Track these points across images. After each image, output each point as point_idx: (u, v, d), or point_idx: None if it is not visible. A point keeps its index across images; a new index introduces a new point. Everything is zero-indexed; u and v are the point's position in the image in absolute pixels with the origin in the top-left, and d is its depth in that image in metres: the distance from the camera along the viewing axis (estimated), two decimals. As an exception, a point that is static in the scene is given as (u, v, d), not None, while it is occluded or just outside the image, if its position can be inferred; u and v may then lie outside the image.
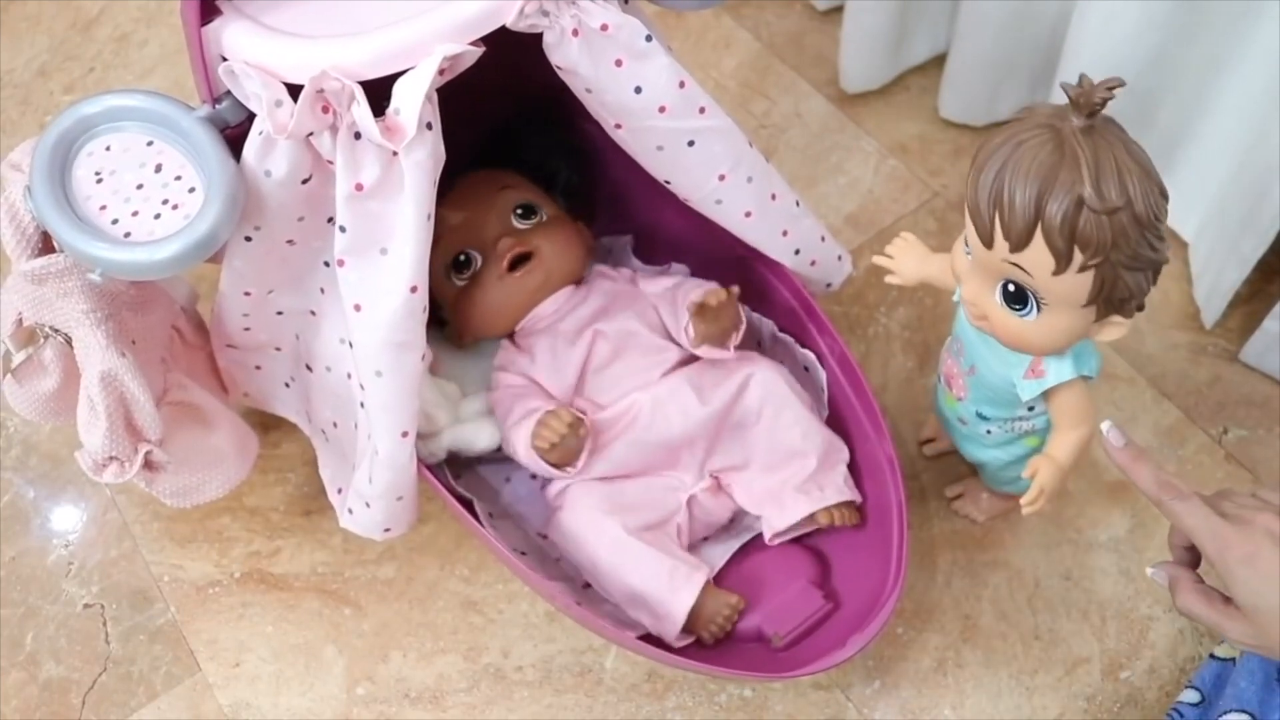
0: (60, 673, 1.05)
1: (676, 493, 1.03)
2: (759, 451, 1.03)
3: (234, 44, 0.80)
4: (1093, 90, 0.74)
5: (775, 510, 1.02)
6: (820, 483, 1.02)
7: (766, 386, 1.02)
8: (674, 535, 1.02)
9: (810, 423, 1.02)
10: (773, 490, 1.03)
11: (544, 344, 1.05)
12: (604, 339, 1.04)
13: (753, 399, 1.02)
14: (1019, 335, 0.83)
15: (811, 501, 1.01)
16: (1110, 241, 0.75)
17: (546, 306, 1.06)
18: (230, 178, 0.82)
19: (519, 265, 1.05)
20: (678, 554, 1.00)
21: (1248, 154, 1.13)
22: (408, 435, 0.92)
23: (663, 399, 1.01)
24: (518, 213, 1.07)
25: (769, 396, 1.02)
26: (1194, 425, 1.16)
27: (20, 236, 0.87)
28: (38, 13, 1.49)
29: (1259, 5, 1.07)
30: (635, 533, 0.99)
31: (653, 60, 0.87)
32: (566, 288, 1.07)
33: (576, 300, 1.06)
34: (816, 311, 1.05)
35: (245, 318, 0.97)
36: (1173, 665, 1.04)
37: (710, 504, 1.04)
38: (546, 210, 1.09)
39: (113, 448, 0.91)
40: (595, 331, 1.04)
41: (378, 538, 1.00)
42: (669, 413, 1.01)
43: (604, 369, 1.03)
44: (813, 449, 1.02)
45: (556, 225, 1.08)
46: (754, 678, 1.00)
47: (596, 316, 1.05)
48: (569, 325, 1.05)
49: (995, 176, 0.76)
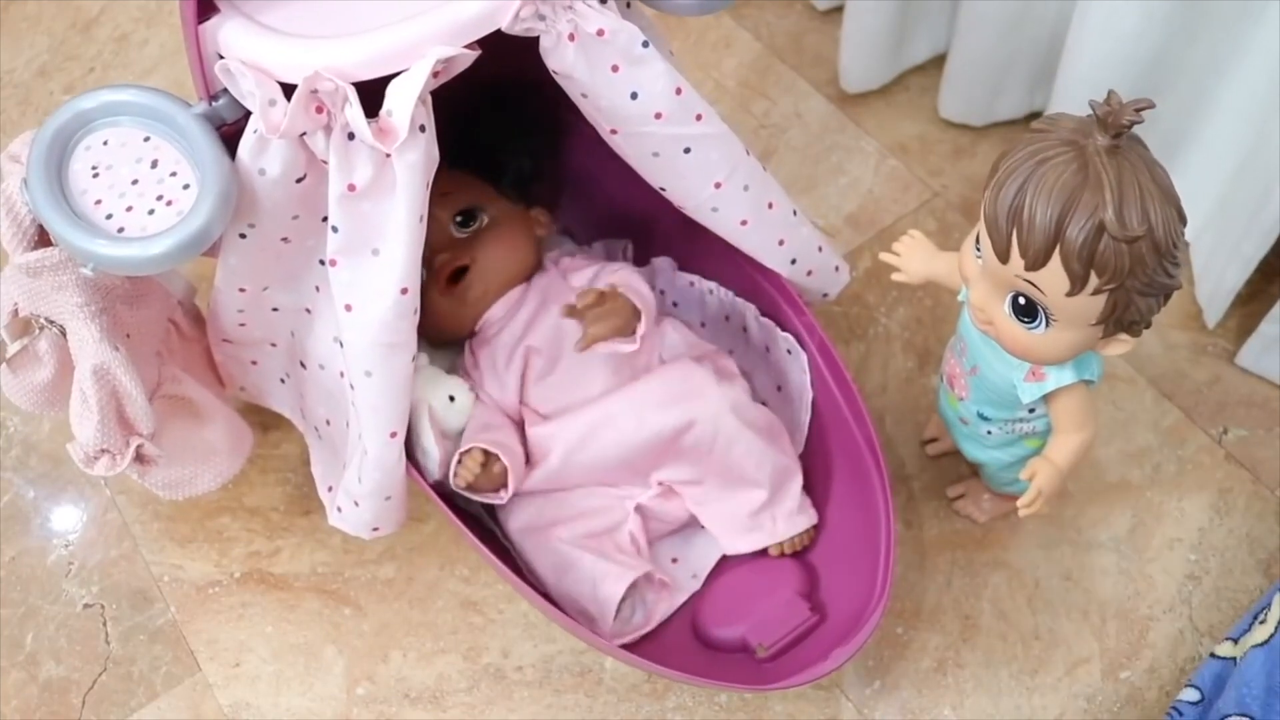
0: (60, 673, 1.05)
1: (623, 501, 1.03)
2: (711, 473, 1.02)
3: (230, 42, 0.81)
4: (1121, 111, 0.73)
5: (728, 539, 1.04)
6: (774, 513, 1.02)
7: (714, 424, 1.00)
8: (625, 544, 1.02)
9: (762, 452, 1.02)
10: (724, 517, 1.03)
11: (486, 358, 1.06)
12: (536, 354, 1.04)
13: (702, 434, 1.00)
14: (1025, 346, 0.83)
15: (765, 536, 1.02)
16: (1128, 268, 0.75)
17: (497, 310, 1.06)
18: (224, 175, 0.82)
19: (459, 278, 1.06)
20: (615, 558, 1.00)
21: (1248, 155, 1.13)
22: (396, 436, 0.92)
23: (598, 423, 1.00)
24: (457, 220, 1.07)
25: (718, 434, 1.00)
26: (1194, 425, 1.16)
27: (17, 229, 0.87)
28: (38, 13, 1.49)
29: (1259, 5, 1.07)
30: (574, 542, 1.00)
31: (649, 66, 0.87)
32: (517, 287, 1.07)
33: (518, 304, 1.06)
34: (793, 296, 1.05)
35: (240, 314, 0.97)
36: (1173, 665, 1.04)
37: (663, 508, 1.04)
38: (489, 211, 1.08)
39: (104, 440, 0.92)
40: (527, 349, 1.04)
41: (366, 536, 1.00)
42: (605, 436, 1.00)
43: (543, 379, 1.04)
44: (765, 477, 1.02)
45: (498, 228, 1.08)
46: (736, 689, 1.00)
47: (527, 329, 1.05)
48: (507, 338, 1.05)
49: (1016, 193, 0.75)
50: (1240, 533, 1.10)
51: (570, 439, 1.00)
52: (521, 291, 1.07)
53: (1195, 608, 1.06)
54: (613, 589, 0.97)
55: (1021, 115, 1.35)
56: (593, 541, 1.01)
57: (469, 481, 0.98)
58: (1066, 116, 0.78)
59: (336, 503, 1.00)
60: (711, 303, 1.11)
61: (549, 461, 1.01)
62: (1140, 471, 1.13)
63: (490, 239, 1.07)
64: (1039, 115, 1.30)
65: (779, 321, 1.06)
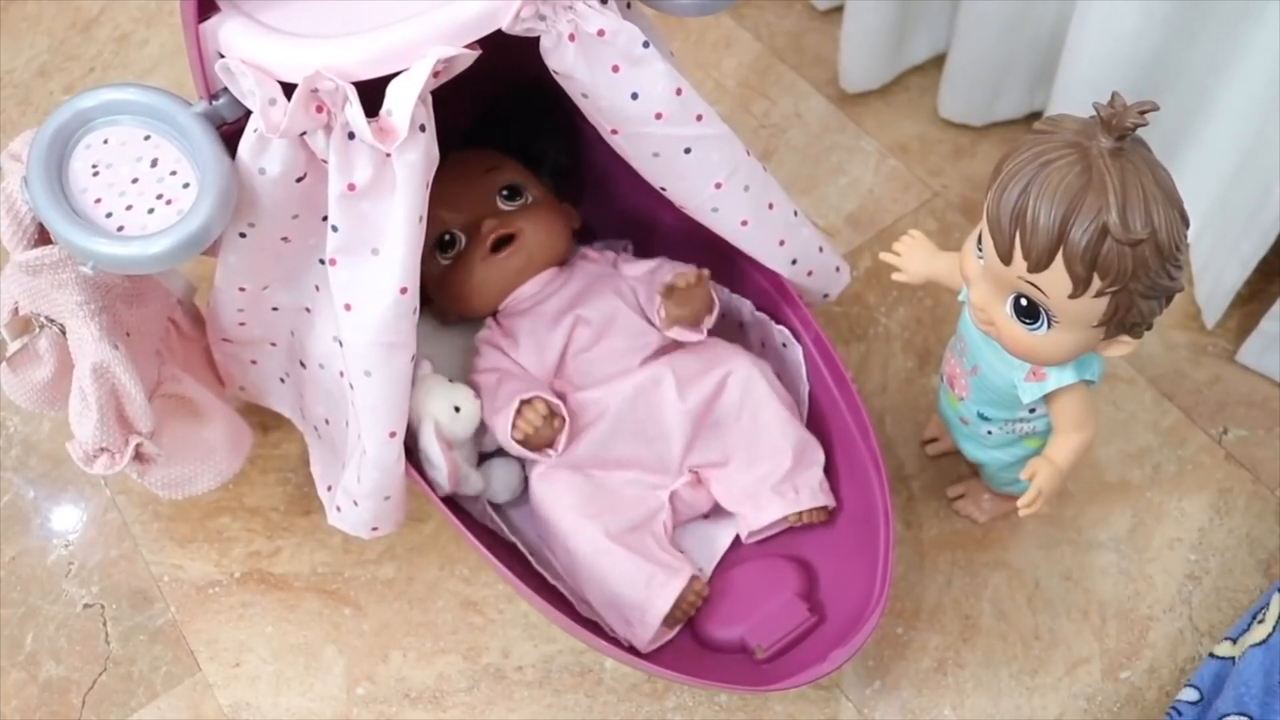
0: (60, 673, 1.05)
1: (658, 491, 1.03)
2: (738, 448, 1.03)
3: (230, 41, 0.81)
4: (1125, 113, 0.73)
5: (751, 510, 1.03)
6: (795, 484, 1.02)
7: (746, 384, 1.02)
8: (659, 534, 1.02)
9: (788, 421, 1.03)
10: (749, 489, 1.03)
11: (526, 326, 1.05)
12: (585, 324, 1.04)
13: (732, 396, 1.02)
14: (1026, 346, 0.83)
15: (786, 504, 1.02)
16: (1131, 271, 0.75)
17: (529, 288, 1.07)
18: (224, 174, 0.82)
19: (502, 247, 1.06)
20: (659, 557, 1.00)
21: (1248, 154, 1.13)
22: (395, 435, 0.92)
23: (644, 386, 1.02)
24: (503, 194, 1.08)
25: (748, 394, 1.02)
26: (1194, 425, 1.16)
27: (17, 227, 0.88)
28: (38, 13, 1.49)
29: (1259, 5, 1.07)
30: (617, 537, 0.99)
31: (650, 66, 0.87)
32: (549, 269, 1.07)
33: (559, 283, 1.07)
34: (793, 296, 1.05)
35: (240, 313, 0.97)
36: (1173, 665, 1.04)
37: (691, 497, 1.04)
38: (532, 192, 1.09)
39: (103, 439, 0.92)
40: (577, 316, 1.04)
41: (365, 536, 1.00)
42: (650, 400, 1.01)
43: (584, 352, 1.04)
44: (789, 445, 1.02)
45: (541, 207, 1.09)
46: (734, 690, 1.00)
47: (578, 300, 1.05)
48: (551, 307, 1.05)
49: (1020, 195, 0.75)
50: (1240, 533, 1.10)
51: (620, 403, 1.01)
52: (554, 274, 1.07)
53: (1195, 608, 1.06)
54: (660, 606, 0.97)
55: (1021, 115, 1.35)
56: (634, 537, 1.00)
57: (529, 433, 0.98)
58: (1069, 118, 0.78)
59: (335, 502, 1.00)
60: None
61: (600, 425, 1.01)
62: (1140, 471, 1.14)
63: (536, 215, 1.08)
64: (1039, 115, 1.31)
65: (777, 319, 1.07)
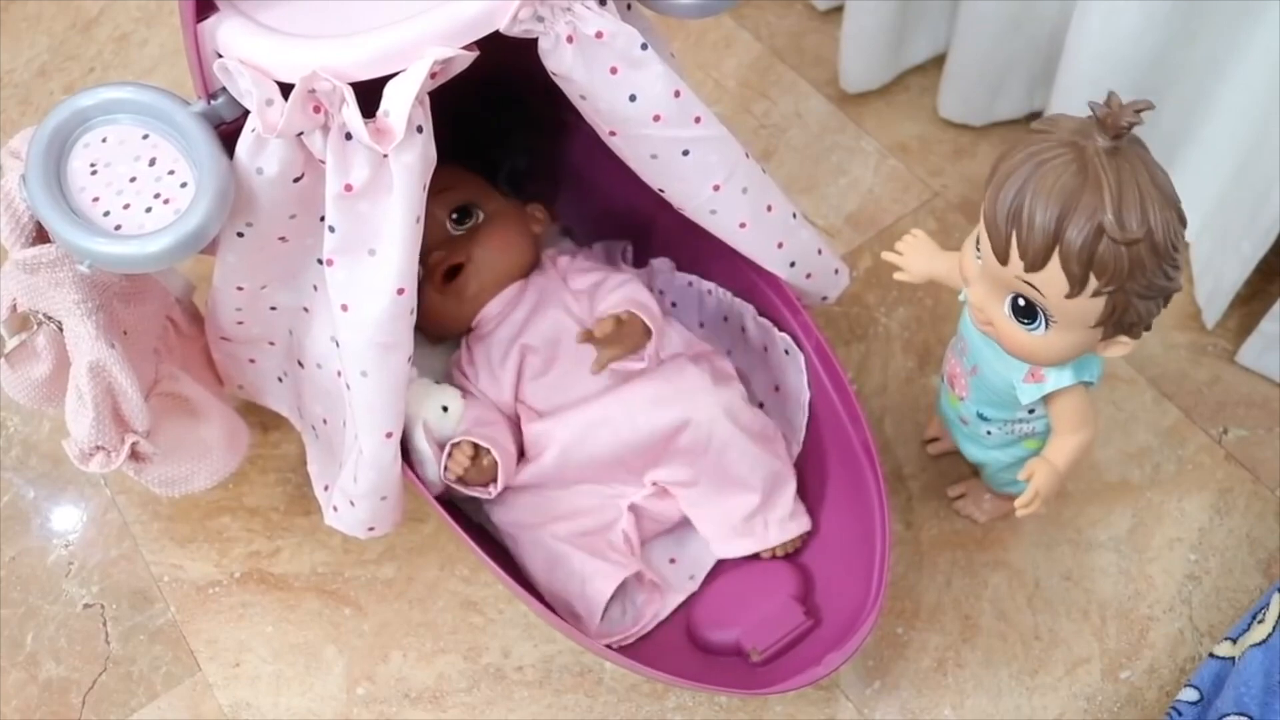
0: (60, 673, 1.06)
1: (616, 500, 1.03)
2: (705, 475, 1.02)
3: (228, 41, 0.81)
4: (1121, 112, 0.73)
5: (719, 542, 1.03)
6: (766, 519, 1.02)
7: (709, 427, 1.00)
8: (618, 542, 1.01)
9: (756, 457, 1.02)
10: (716, 520, 1.03)
11: (482, 355, 1.06)
12: (532, 353, 1.04)
13: (697, 437, 1.00)
14: (1024, 347, 0.83)
15: (755, 542, 1.02)
16: (1127, 271, 0.75)
17: (493, 307, 1.06)
18: (221, 174, 0.82)
19: (454, 276, 1.06)
20: (608, 556, 0.99)
21: (1248, 155, 1.13)
22: (392, 436, 0.92)
23: (594, 422, 1.00)
24: (453, 217, 1.07)
25: (713, 437, 1.00)
26: (1194, 425, 1.16)
27: (15, 225, 0.88)
28: (38, 13, 1.49)
29: (1259, 5, 1.07)
30: (566, 539, 0.99)
31: (648, 68, 0.87)
32: (514, 284, 1.07)
33: (515, 301, 1.06)
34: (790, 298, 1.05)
35: (238, 312, 0.97)
36: (1173, 665, 1.04)
37: (656, 508, 1.04)
38: (486, 207, 1.08)
39: (99, 437, 0.92)
40: (523, 347, 1.04)
41: (361, 536, 1.00)
42: (598, 436, 1.00)
43: (539, 377, 1.04)
44: (758, 482, 1.02)
45: (494, 224, 1.08)
46: (729, 693, 0.99)
47: (524, 327, 1.05)
48: (502, 335, 1.05)
49: (1016, 194, 0.75)
50: (1240, 533, 1.10)
51: (566, 437, 1.00)
52: (519, 288, 1.07)
53: (1195, 608, 1.06)
54: (601, 588, 0.97)
55: (1021, 115, 1.35)
56: (585, 540, 1.00)
57: (458, 474, 0.98)
58: (1066, 118, 0.78)
59: (332, 502, 1.00)
60: (710, 303, 1.11)
61: (544, 459, 1.01)
62: (1140, 471, 1.13)
63: (486, 236, 1.07)
64: (1039, 115, 1.31)
65: (777, 322, 1.06)
